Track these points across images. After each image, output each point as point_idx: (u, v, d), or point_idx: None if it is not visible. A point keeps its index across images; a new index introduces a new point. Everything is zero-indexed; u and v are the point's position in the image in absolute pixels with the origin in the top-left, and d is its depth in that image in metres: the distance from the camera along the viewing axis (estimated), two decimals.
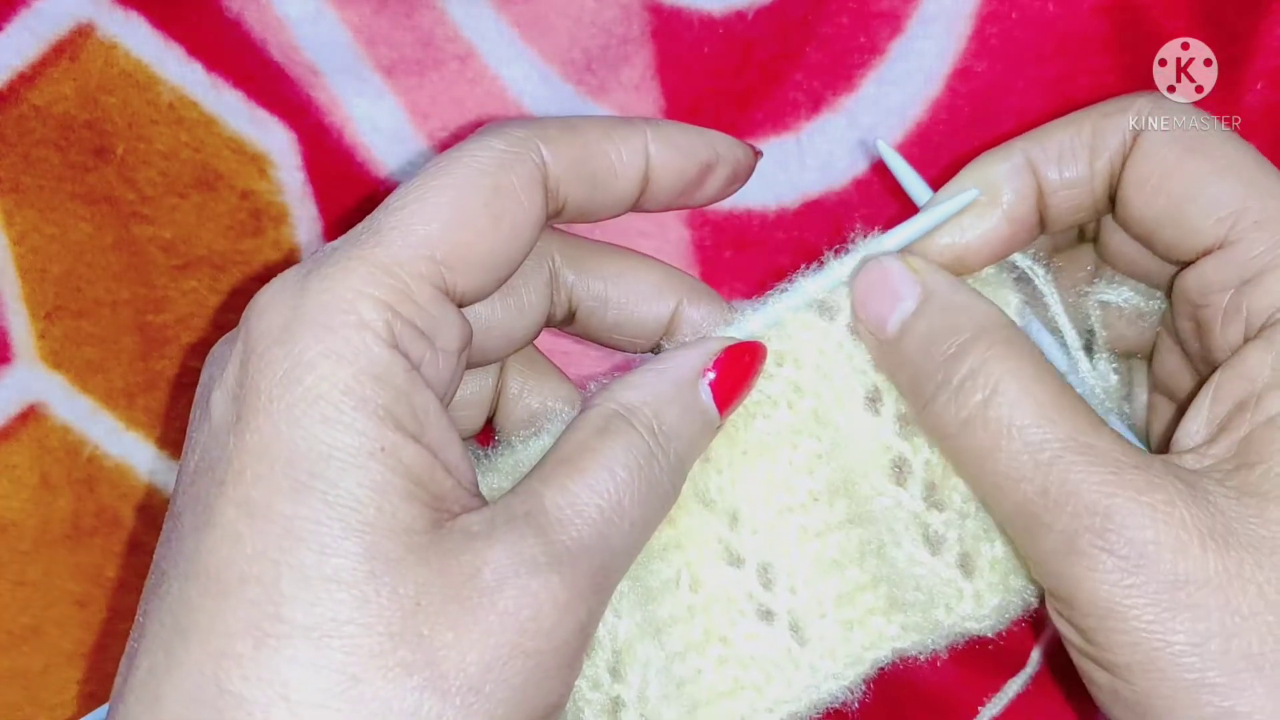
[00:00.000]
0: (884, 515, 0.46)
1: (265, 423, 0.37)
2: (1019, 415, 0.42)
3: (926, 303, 0.45)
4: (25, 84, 0.57)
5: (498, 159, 0.42)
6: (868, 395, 0.46)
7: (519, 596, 0.38)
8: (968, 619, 0.46)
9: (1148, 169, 0.44)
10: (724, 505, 0.46)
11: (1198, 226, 0.44)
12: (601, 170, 0.44)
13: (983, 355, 0.43)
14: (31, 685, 0.62)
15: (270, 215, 0.59)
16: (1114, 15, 0.56)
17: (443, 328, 0.40)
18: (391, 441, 0.38)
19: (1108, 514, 0.39)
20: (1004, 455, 0.42)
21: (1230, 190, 0.43)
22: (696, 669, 0.46)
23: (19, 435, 0.61)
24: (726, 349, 0.45)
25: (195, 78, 0.57)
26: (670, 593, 0.46)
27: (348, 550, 0.37)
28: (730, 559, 0.46)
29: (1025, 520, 0.42)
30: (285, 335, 0.38)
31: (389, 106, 0.58)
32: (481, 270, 0.41)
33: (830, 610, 0.46)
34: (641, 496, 0.41)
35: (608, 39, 0.57)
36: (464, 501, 0.40)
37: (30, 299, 0.60)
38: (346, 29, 0.57)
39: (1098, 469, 0.40)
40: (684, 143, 0.46)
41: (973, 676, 0.62)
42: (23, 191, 0.58)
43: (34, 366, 0.61)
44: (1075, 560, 0.40)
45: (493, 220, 0.41)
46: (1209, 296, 0.44)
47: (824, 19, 0.57)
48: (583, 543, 0.39)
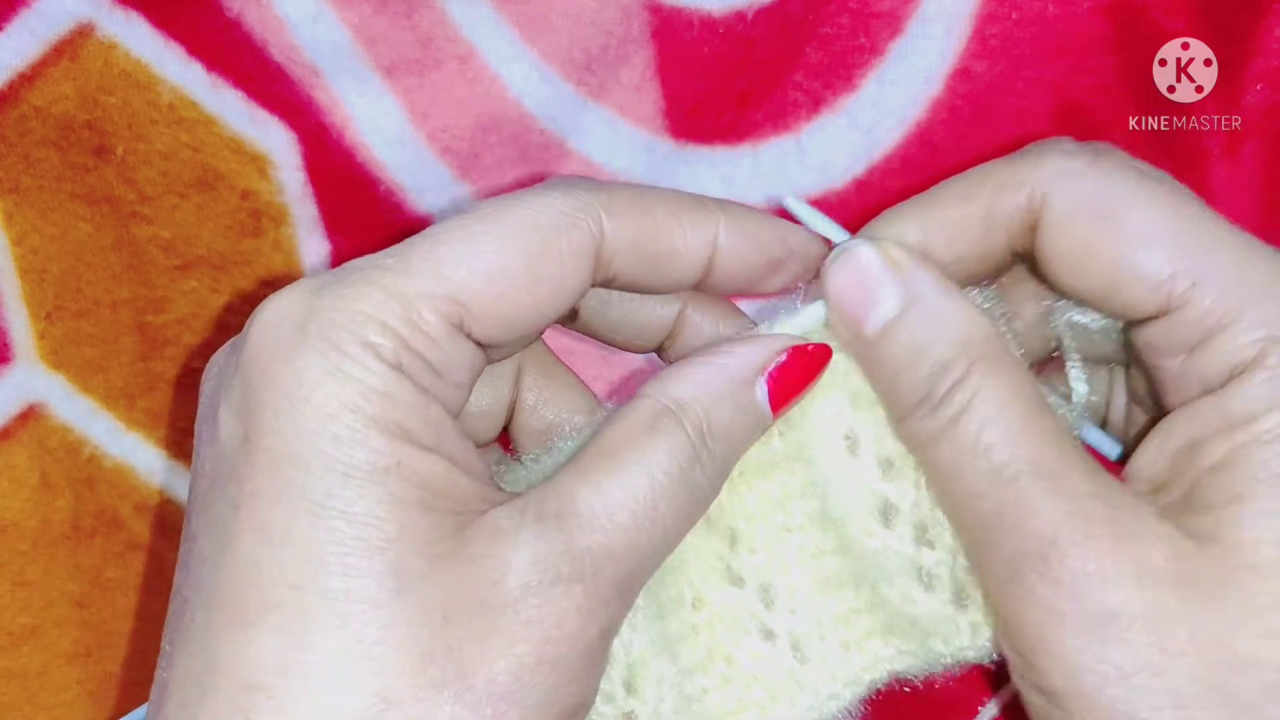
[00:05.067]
0: (875, 556, 0.46)
1: (276, 442, 0.37)
2: (987, 434, 0.41)
3: (910, 307, 0.43)
4: (25, 84, 0.57)
5: (554, 219, 0.40)
6: (845, 436, 0.45)
7: (543, 606, 0.38)
8: (965, 649, 0.46)
9: (1064, 246, 0.43)
10: (723, 523, 0.45)
11: (1132, 299, 0.42)
12: (663, 252, 0.43)
13: (964, 370, 0.42)
14: (31, 685, 0.62)
15: (270, 215, 0.59)
16: (1114, 15, 0.56)
17: (454, 364, 0.40)
18: (406, 455, 0.37)
19: (1053, 541, 0.39)
20: (968, 472, 0.41)
21: (1157, 255, 0.41)
22: (703, 688, 0.45)
23: (19, 435, 0.61)
24: (792, 349, 0.44)
25: (195, 78, 0.57)
26: (676, 610, 0.45)
27: (371, 569, 0.36)
28: (731, 578, 0.46)
29: (977, 537, 0.41)
30: (290, 351, 0.37)
31: (389, 106, 0.58)
32: (505, 328, 0.40)
33: (829, 631, 0.46)
34: (678, 502, 0.41)
35: (608, 39, 0.57)
36: (490, 497, 0.39)
37: (30, 299, 0.60)
38: (346, 29, 0.57)
39: (1053, 496, 0.40)
40: (757, 233, 0.44)
41: (973, 676, 0.62)
42: (23, 191, 0.58)
43: (34, 366, 0.61)
44: (1016, 583, 0.40)
45: (531, 281, 0.40)
46: (1159, 359, 0.43)
47: (824, 19, 0.57)
48: (610, 550, 0.39)
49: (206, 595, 0.38)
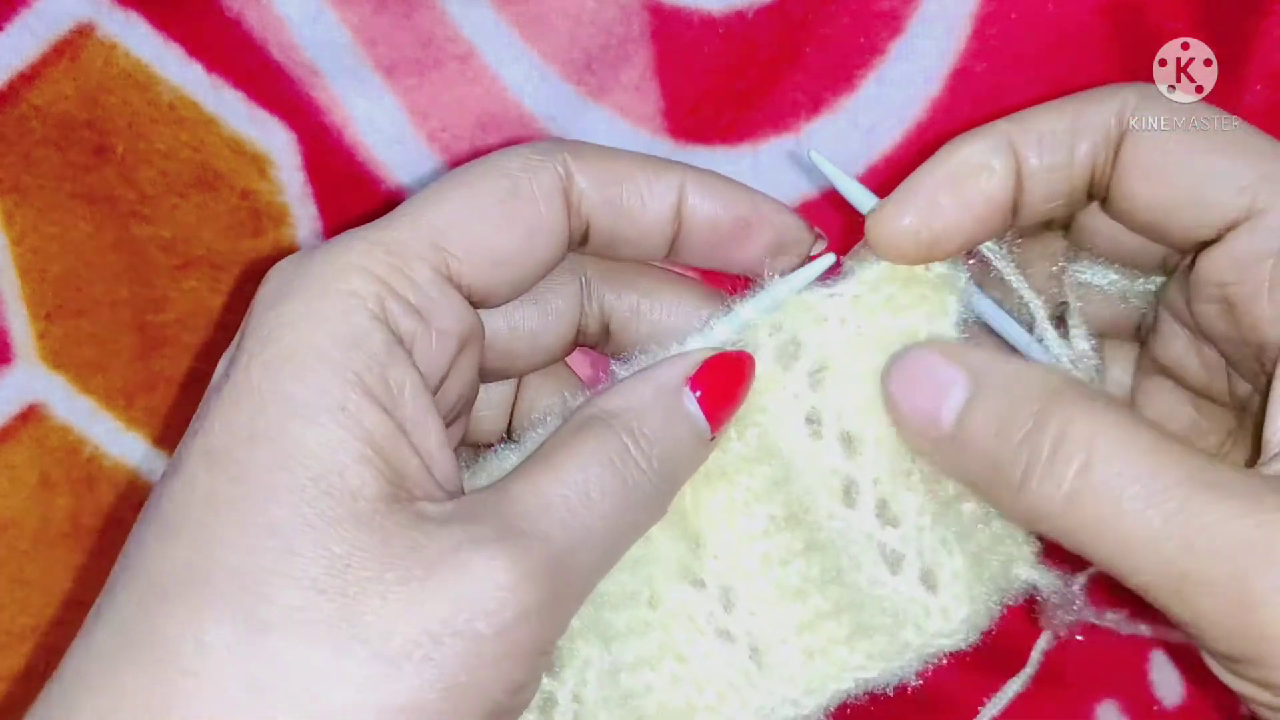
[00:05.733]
0: (840, 539, 0.45)
1: (242, 378, 0.38)
2: (1127, 470, 0.38)
3: (980, 386, 0.42)
4: (25, 84, 0.57)
5: (521, 163, 0.42)
6: (807, 419, 0.45)
7: (459, 571, 0.37)
8: (938, 635, 0.45)
9: (1149, 155, 0.43)
10: (688, 528, 0.45)
11: (1217, 202, 0.42)
12: (628, 196, 0.44)
13: (1064, 420, 0.40)
14: (31, 685, 0.62)
15: (270, 215, 0.59)
16: (1114, 15, 0.56)
17: (440, 309, 0.41)
18: (355, 404, 0.38)
19: (1269, 549, 0.36)
20: (1127, 518, 0.38)
21: (1244, 161, 0.42)
22: (648, 684, 0.45)
23: (19, 435, 0.61)
24: (708, 359, 0.44)
25: (195, 78, 0.57)
26: (629, 605, 0.44)
27: (289, 501, 0.37)
28: (693, 580, 0.45)
29: (1174, 584, 0.38)
30: (278, 299, 0.39)
31: (389, 106, 0.58)
32: (492, 266, 0.42)
33: (791, 637, 0.45)
34: (614, 491, 0.40)
35: (608, 39, 0.57)
36: (429, 489, 0.39)
37: (30, 299, 0.60)
38: (346, 29, 0.57)
39: (1234, 502, 0.37)
40: (724, 190, 0.45)
41: (973, 676, 0.62)
42: (23, 191, 0.58)
43: (34, 366, 0.61)
44: (1255, 610, 0.36)
45: (506, 219, 0.42)
46: (1244, 271, 0.42)
47: (824, 19, 0.57)
48: (539, 527, 0.38)
49: (147, 513, 0.39)
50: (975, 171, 0.44)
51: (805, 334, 0.46)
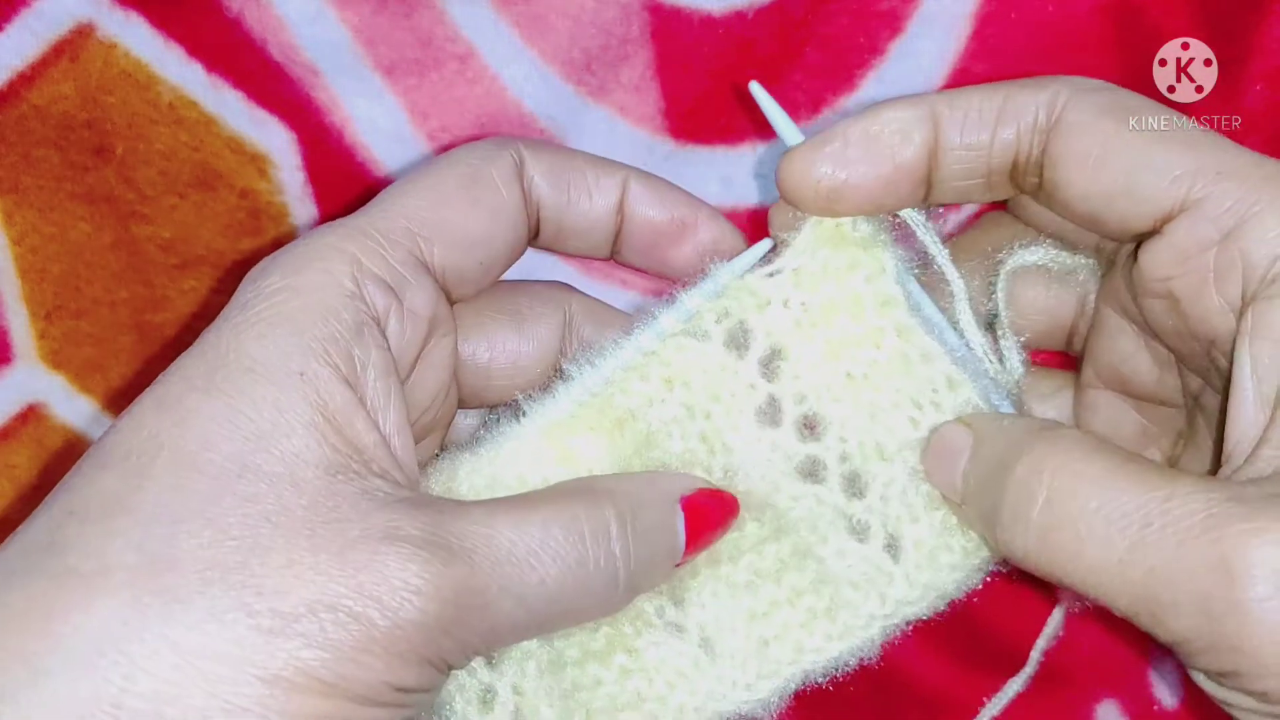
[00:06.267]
0: (807, 517, 0.46)
1: (211, 338, 0.40)
2: (1087, 499, 0.39)
3: (978, 445, 0.44)
4: (25, 84, 0.57)
5: (480, 154, 0.46)
6: (760, 410, 0.46)
7: (371, 557, 0.37)
8: (903, 603, 0.46)
9: (1083, 145, 0.43)
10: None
11: (1154, 192, 0.42)
12: (575, 188, 0.47)
13: (1032, 460, 0.40)
14: None
15: (270, 215, 0.59)
16: (1114, 15, 0.56)
17: (412, 289, 0.43)
18: (314, 372, 0.39)
19: (1228, 563, 0.36)
20: (1091, 546, 0.38)
21: (1178, 151, 0.42)
22: (596, 678, 0.45)
23: (19, 435, 0.61)
24: (704, 488, 0.45)
25: (195, 78, 0.57)
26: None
27: (225, 450, 0.37)
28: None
29: (1149, 606, 0.38)
30: (259, 275, 0.42)
31: (389, 106, 0.58)
32: (461, 247, 0.44)
33: (742, 626, 0.46)
34: (568, 563, 0.40)
35: (608, 39, 0.57)
36: (386, 468, 0.39)
37: (30, 299, 0.60)
38: (346, 29, 0.57)
39: (1190, 517, 0.37)
40: (666, 192, 0.48)
41: (973, 676, 0.62)
42: (23, 191, 0.58)
43: (34, 366, 0.61)
44: (1226, 622, 0.36)
45: (470, 201, 0.45)
46: (1187, 263, 0.42)
47: (824, 19, 0.57)
48: (471, 554, 0.38)
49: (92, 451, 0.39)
50: (891, 135, 0.44)
51: (752, 319, 0.47)
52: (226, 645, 0.35)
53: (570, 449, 0.45)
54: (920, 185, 0.45)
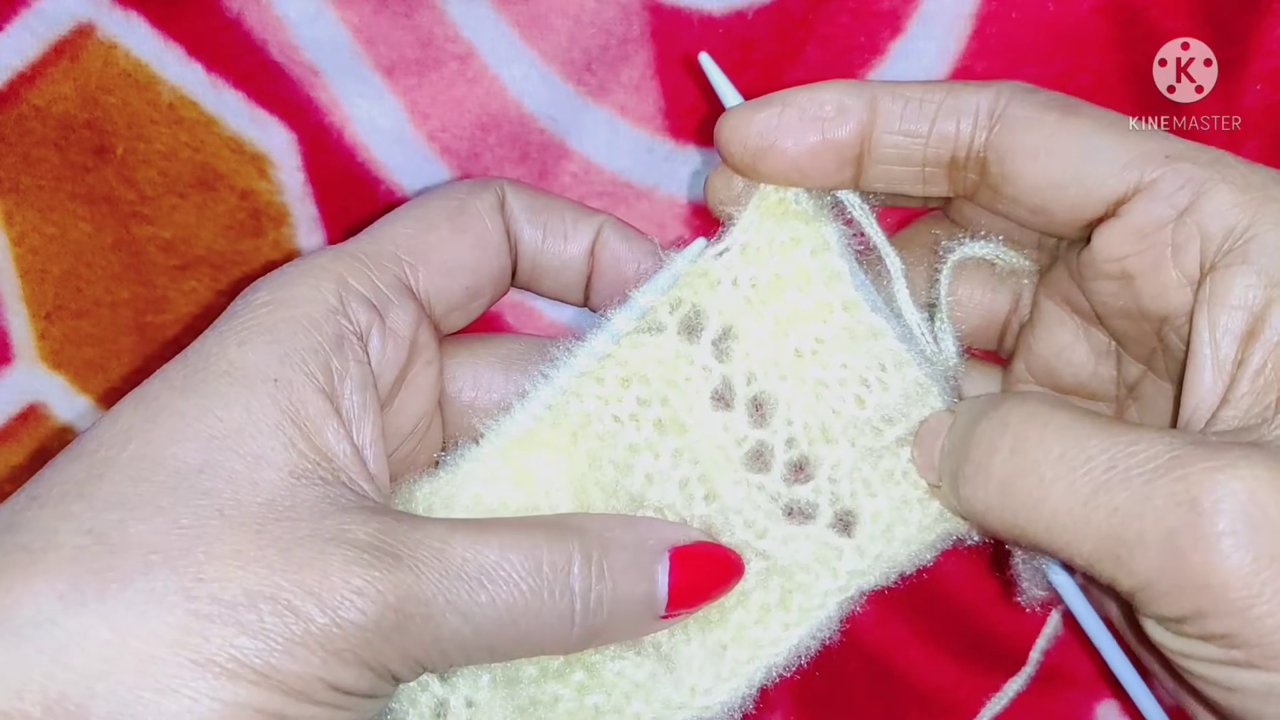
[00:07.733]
0: (744, 505, 0.46)
1: (196, 345, 0.41)
2: (1050, 447, 0.39)
3: (954, 423, 0.45)
4: (25, 84, 0.57)
5: (465, 188, 0.48)
6: (715, 393, 0.47)
7: (317, 555, 0.37)
8: (855, 574, 0.46)
9: (1030, 137, 0.43)
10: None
11: (1105, 178, 0.42)
12: (552, 224, 0.49)
13: (998, 415, 0.41)
14: None
15: (270, 215, 0.59)
16: (1114, 15, 0.56)
17: (395, 308, 0.44)
18: (287, 378, 0.40)
19: (1195, 498, 0.36)
20: (1055, 491, 0.39)
21: (1123, 140, 0.42)
22: (554, 696, 0.45)
23: (19, 435, 0.61)
24: (704, 542, 0.45)
25: (195, 78, 0.57)
26: None
27: (190, 446, 0.38)
28: None
29: (1111, 550, 0.38)
30: (250, 291, 0.43)
31: (389, 106, 0.58)
32: (444, 270, 0.46)
33: (696, 636, 0.46)
34: (519, 592, 0.40)
35: (608, 39, 0.57)
36: (357, 479, 0.40)
37: (30, 299, 0.60)
38: (346, 29, 0.57)
39: (1156, 459, 0.37)
40: (637, 240, 0.50)
41: (973, 676, 0.62)
42: (23, 191, 0.58)
43: (34, 366, 0.61)
44: (1189, 561, 0.36)
45: (455, 229, 0.47)
46: (1144, 240, 0.42)
47: (824, 19, 0.57)
48: (418, 565, 0.38)
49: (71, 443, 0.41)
50: (828, 109, 0.45)
51: (703, 300, 0.47)
52: (162, 627, 0.35)
53: (526, 468, 0.45)
54: (849, 165, 0.45)
